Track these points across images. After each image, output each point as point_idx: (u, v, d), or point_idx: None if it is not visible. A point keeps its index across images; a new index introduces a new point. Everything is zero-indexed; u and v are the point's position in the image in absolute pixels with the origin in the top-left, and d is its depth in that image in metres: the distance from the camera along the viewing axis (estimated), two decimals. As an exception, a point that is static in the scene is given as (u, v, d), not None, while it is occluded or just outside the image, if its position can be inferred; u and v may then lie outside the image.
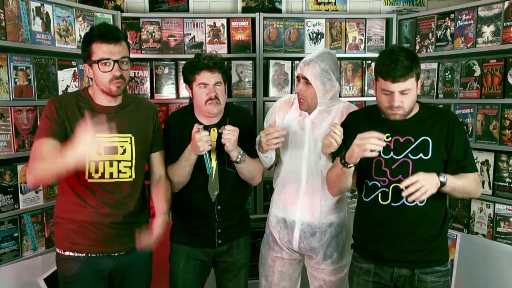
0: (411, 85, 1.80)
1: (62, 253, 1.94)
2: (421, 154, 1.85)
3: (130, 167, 1.99)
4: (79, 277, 1.93)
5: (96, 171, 1.92)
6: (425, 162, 1.83)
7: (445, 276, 1.92)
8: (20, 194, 2.37)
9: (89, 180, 1.91)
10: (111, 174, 1.94)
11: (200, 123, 2.14)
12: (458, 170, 1.88)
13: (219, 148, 2.09)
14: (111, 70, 1.87)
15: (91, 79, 1.96)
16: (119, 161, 1.96)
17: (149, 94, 3.10)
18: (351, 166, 1.82)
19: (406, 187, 1.71)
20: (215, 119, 2.17)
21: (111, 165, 1.94)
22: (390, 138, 1.89)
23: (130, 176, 1.98)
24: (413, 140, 1.87)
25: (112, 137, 1.95)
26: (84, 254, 1.93)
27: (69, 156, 1.67)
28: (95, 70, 1.89)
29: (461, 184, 1.84)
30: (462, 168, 1.89)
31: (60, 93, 2.56)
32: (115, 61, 1.88)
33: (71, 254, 1.93)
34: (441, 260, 1.93)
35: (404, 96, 1.81)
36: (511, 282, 2.54)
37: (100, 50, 1.87)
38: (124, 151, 1.98)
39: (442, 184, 1.77)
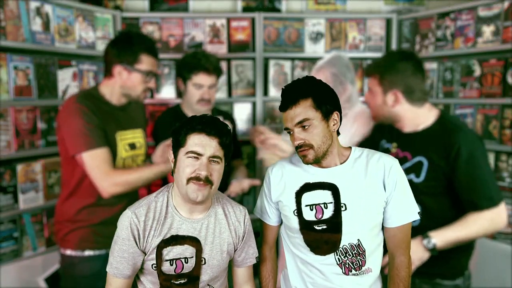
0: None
1: (81, 254, 1.95)
2: (412, 175, 1.75)
3: (145, 160, 2.11)
4: (101, 274, 1.93)
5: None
6: (415, 186, 1.60)
7: None
8: (20, 194, 2.37)
9: None
10: None
11: None
12: (468, 207, 1.72)
13: None
14: (149, 82, 2.01)
15: (109, 74, 1.99)
16: (137, 156, 2.07)
17: (149, 94, 3.10)
18: None
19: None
20: None
21: (133, 160, 2.05)
22: (396, 149, 1.87)
23: None
24: (409, 158, 1.79)
25: (131, 133, 2.06)
26: (105, 251, 1.94)
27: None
28: (133, 77, 1.97)
29: (460, 235, 1.68)
30: (471, 205, 1.71)
31: (60, 93, 2.56)
32: (154, 75, 2.03)
33: (91, 253, 1.95)
34: (445, 275, 1.81)
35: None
36: (511, 282, 2.54)
37: (149, 62, 2.00)
38: (141, 145, 2.10)
39: (432, 250, 1.65)
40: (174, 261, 1.40)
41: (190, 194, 1.36)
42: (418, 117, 1.82)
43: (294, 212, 1.45)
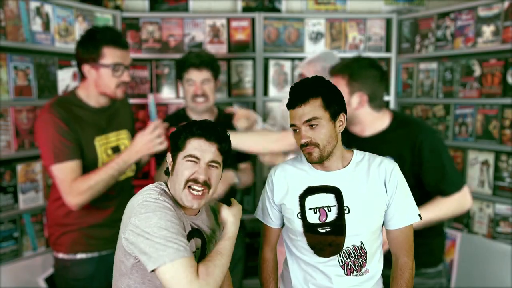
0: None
1: (73, 257, 1.94)
2: None
3: (136, 164, 2.09)
4: (94, 276, 1.93)
5: None
6: None
7: (434, 278, 1.90)
8: (20, 194, 2.37)
9: None
10: None
11: None
12: (436, 194, 1.85)
13: None
14: (120, 76, 1.91)
15: (83, 76, 1.96)
16: None
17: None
18: None
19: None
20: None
21: None
22: None
23: (132, 170, 2.09)
24: None
25: (114, 136, 2.01)
26: (98, 254, 1.94)
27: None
28: (102, 73, 1.89)
29: (431, 216, 1.78)
30: (440, 193, 1.85)
31: (60, 93, 2.56)
32: (125, 67, 1.92)
33: (84, 256, 1.94)
34: (427, 263, 1.90)
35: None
36: (511, 282, 2.54)
37: (114, 54, 1.89)
38: (126, 147, 2.05)
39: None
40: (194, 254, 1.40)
41: (186, 202, 1.36)
42: (376, 121, 1.93)
43: (298, 215, 1.46)
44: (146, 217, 1.25)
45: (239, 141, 2.08)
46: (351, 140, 1.96)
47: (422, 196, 1.82)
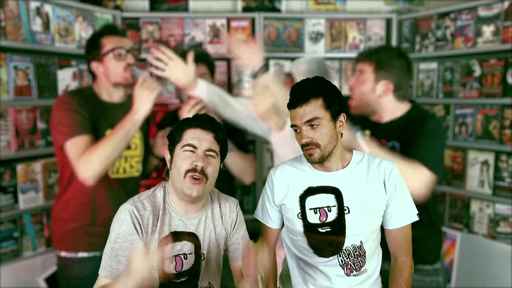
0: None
1: (75, 255, 1.95)
2: None
3: (138, 162, 2.10)
4: (95, 276, 1.93)
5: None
6: None
7: (431, 276, 1.91)
8: (20, 194, 2.37)
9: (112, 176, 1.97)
10: (124, 169, 2.02)
11: None
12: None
13: None
14: (125, 59, 1.96)
15: (94, 77, 2.01)
16: (132, 157, 2.05)
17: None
18: None
19: None
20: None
21: (126, 161, 2.04)
22: (369, 137, 1.90)
23: (138, 171, 2.10)
24: (384, 144, 1.86)
25: None
26: (99, 253, 1.94)
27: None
28: (106, 62, 1.96)
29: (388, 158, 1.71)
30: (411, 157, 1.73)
31: (60, 92, 2.56)
32: (127, 51, 1.97)
33: (85, 255, 1.94)
34: (425, 259, 1.90)
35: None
36: (511, 282, 2.54)
37: (111, 41, 1.97)
38: (136, 147, 2.07)
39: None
40: (174, 258, 1.40)
41: (186, 189, 1.37)
42: (396, 110, 1.92)
43: (298, 215, 1.46)
44: (111, 230, 1.45)
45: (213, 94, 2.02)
46: (366, 125, 1.96)
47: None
